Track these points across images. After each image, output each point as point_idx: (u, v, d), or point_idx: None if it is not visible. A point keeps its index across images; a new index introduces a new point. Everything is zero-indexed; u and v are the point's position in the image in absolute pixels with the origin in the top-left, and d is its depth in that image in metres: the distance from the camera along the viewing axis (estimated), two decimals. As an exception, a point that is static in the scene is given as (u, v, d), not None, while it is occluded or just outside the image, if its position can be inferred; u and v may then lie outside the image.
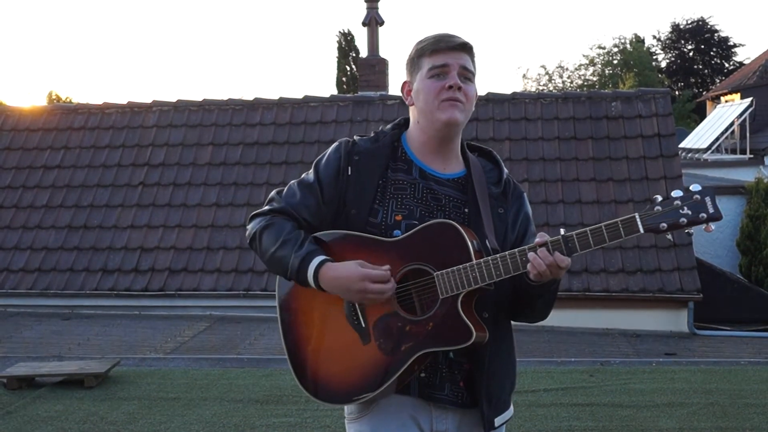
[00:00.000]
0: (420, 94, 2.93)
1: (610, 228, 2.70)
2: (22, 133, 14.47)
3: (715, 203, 2.67)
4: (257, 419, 6.83)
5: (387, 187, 2.94)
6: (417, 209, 2.91)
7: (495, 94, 14.10)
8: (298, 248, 2.88)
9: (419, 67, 2.93)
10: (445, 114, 2.88)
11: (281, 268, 2.93)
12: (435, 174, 2.97)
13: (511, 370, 3.06)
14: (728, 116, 25.48)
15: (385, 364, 2.83)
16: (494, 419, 2.95)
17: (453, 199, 2.95)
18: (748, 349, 10.50)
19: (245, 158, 13.64)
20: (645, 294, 11.39)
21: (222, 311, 11.94)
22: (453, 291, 2.77)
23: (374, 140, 3.03)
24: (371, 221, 2.90)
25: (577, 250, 2.73)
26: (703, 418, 6.78)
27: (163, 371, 8.40)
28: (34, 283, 12.41)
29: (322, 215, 2.97)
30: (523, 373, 8.12)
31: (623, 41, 49.96)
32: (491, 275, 2.76)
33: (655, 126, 13.21)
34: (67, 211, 13.21)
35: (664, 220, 2.67)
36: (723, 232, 16.14)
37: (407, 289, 2.85)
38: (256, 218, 3.05)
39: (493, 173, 3.04)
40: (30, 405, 7.24)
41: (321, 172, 2.99)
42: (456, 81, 2.87)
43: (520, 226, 3.01)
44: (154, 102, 14.73)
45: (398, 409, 2.93)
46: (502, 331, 2.98)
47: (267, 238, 2.96)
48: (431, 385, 2.90)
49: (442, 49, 2.89)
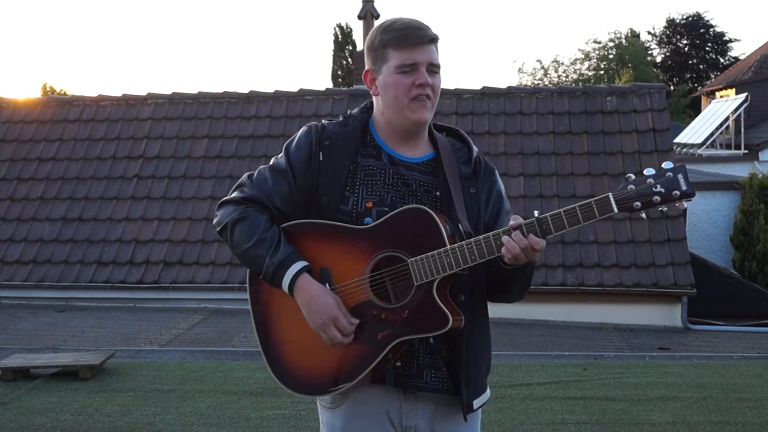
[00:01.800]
0: (388, 89, 2.88)
1: (584, 208, 2.67)
2: (16, 125, 14.44)
3: (688, 180, 2.62)
4: (252, 411, 6.84)
5: (357, 173, 2.91)
6: (388, 195, 2.88)
7: (490, 88, 14.10)
8: (274, 250, 2.85)
9: (385, 58, 2.87)
10: (414, 114, 2.86)
11: (254, 267, 2.91)
12: (404, 159, 2.93)
13: (487, 353, 3.04)
14: (723, 112, 25.55)
15: (361, 354, 2.80)
16: (473, 401, 2.94)
17: (423, 183, 2.91)
18: (741, 343, 10.53)
19: (240, 151, 13.63)
20: (639, 288, 11.42)
21: (217, 304, 11.95)
22: (428, 277, 2.74)
23: (343, 124, 2.99)
24: (342, 209, 2.87)
25: (552, 232, 2.70)
26: (696, 412, 6.80)
27: (157, 363, 8.40)
28: (28, 275, 12.40)
29: (294, 202, 2.93)
30: (517, 367, 8.16)
31: (619, 36, 49.97)
32: (466, 260, 2.73)
33: (650, 121, 13.23)
34: (62, 204, 13.20)
35: (637, 199, 2.64)
36: (717, 227, 16.19)
37: (381, 277, 2.81)
38: (226, 206, 2.99)
39: (462, 152, 3.00)
40: (25, 396, 7.25)
41: (293, 157, 2.95)
42: (426, 79, 2.83)
43: (493, 204, 2.98)
44: (149, 94, 14.71)
45: (371, 402, 2.91)
46: (478, 313, 2.95)
47: (240, 232, 2.92)
48: (408, 374, 2.87)
49: (410, 44, 2.83)
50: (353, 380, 2.81)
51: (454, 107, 13.65)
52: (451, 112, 13.49)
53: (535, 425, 6.52)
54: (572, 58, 52.63)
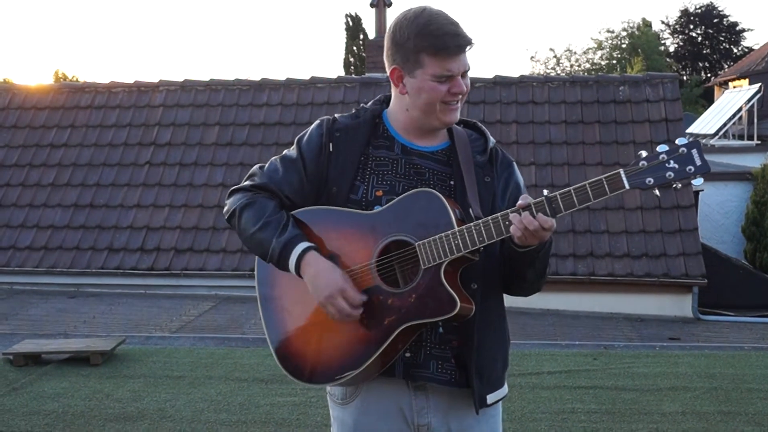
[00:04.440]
0: (422, 94, 2.81)
1: (594, 186, 2.59)
2: (29, 112, 14.48)
3: (703, 156, 2.55)
4: (261, 398, 6.85)
5: (368, 163, 2.88)
6: (399, 184, 2.84)
7: (502, 77, 14.07)
8: (280, 232, 2.81)
9: (419, 63, 2.78)
10: (446, 117, 2.83)
11: (261, 250, 2.87)
12: (418, 148, 2.90)
13: (503, 346, 2.97)
14: (736, 102, 25.43)
15: (368, 340, 2.74)
16: (486, 395, 2.88)
17: (437, 172, 2.87)
18: (752, 334, 10.52)
19: (252, 139, 13.65)
20: (650, 278, 11.41)
21: (227, 291, 11.97)
22: (435, 260, 2.68)
23: (354, 117, 2.96)
24: (352, 198, 2.84)
25: (562, 210, 2.61)
26: (706, 403, 6.79)
27: (168, 350, 8.42)
28: (40, 261, 12.45)
29: (304, 193, 2.91)
30: (527, 356, 8.15)
31: (632, 25, 49.78)
32: (474, 241, 2.66)
33: (662, 111, 13.19)
34: (73, 190, 13.24)
35: (650, 176, 2.57)
36: (728, 218, 16.15)
37: (389, 262, 2.77)
38: (236, 194, 2.98)
39: (478, 142, 2.95)
40: (36, 382, 7.28)
41: (303, 148, 2.93)
42: (462, 88, 2.81)
43: (511, 195, 2.90)
44: (161, 81, 14.73)
45: (382, 399, 2.87)
46: (492, 303, 2.89)
47: (247, 216, 2.89)
48: (416, 364, 2.81)
49: (449, 54, 2.75)
50: (359, 368, 2.75)
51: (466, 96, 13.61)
52: (463, 100, 13.46)
53: (545, 414, 6.51)
54: (585, 48, 52.39)
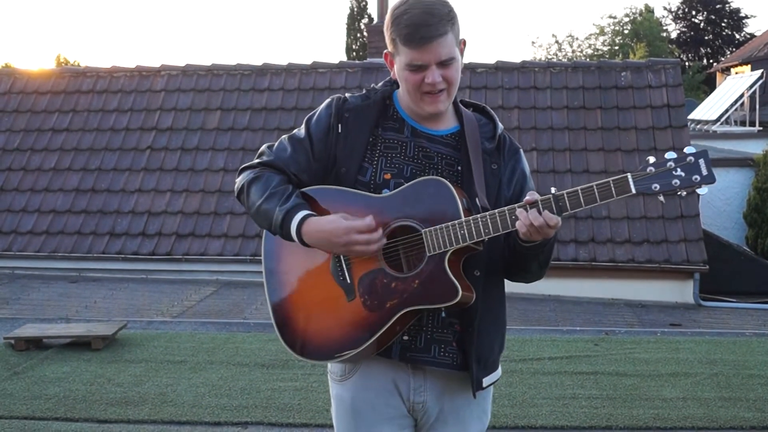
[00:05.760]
0: (402, 82, 2.85)
1: (601, 187, 2.63)
2: (30, 96, 14.47)
3: (709, 166, 2.58)
4: (263, 383, 6.87)
5: (377, 144, 2.89)
6: (407, 168, 2.86)
7: (504, 63, 14.05)
8: (283, 202, 2.83)
9: (397, 51, 2.80)
10: (429, 107, 2.83)
11: (266, 221, 2.87)
12: (427, 131, 2.91)
13: (501, 331, 3.02)
14: (738, 88, 25.38)
15: (369, 321, 2.79)
16: (483, 379, 2.92)
17: (446, 156, 2.89)
18: (753, 320, 10.52)
19: (253, 124, 13.64)
20: (651, 265, 11.41)
21: (229, 276, 11.98)
22: (440, 248, 2.72)
23: (365, 97, 2.96)
24: (360, 179, 2.86)
25: (568, 209, 2.65)
26: (707, 389, 6.80)
27: (169, 334, 8.44)
28: (41, 245, 12.46)
29: (312, 171, 2.92)
30: (528, 341, 8.16)
31: (634, 11, 49.69)
32: (479, 233, 2.70)
33: (664, 96, 13.17)
34: (75, 175, 13.24)
35: (656, 182, 2.60)
36: (730, 204, 16.12)
37: (394, 246, 2.80)
38: (245, 171, 3.00)
39: (487, 128, 2.96)
40: (37, 366, 7.29)
41: (312, 128, 2.95)
42: (434, 79, 2.76)
43: (516, 183, 2.94)
44: (162, 66, 14.70)
45: (379, 376, 2.92)
46: (494, 290, 2.93)
47: (254, 190, 2.91)
48: (414, 348, 2.85)
49: (417, 44, 2.73)
50: (358, 348, 2.80)
51: (467, 81, 13.60)
52: (465, 86, 13.43)
53: (546, 399, 6.52)
54: (587, 33, 52.31)
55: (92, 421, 6.08)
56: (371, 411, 2.95)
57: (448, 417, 2.97)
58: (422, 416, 2.97)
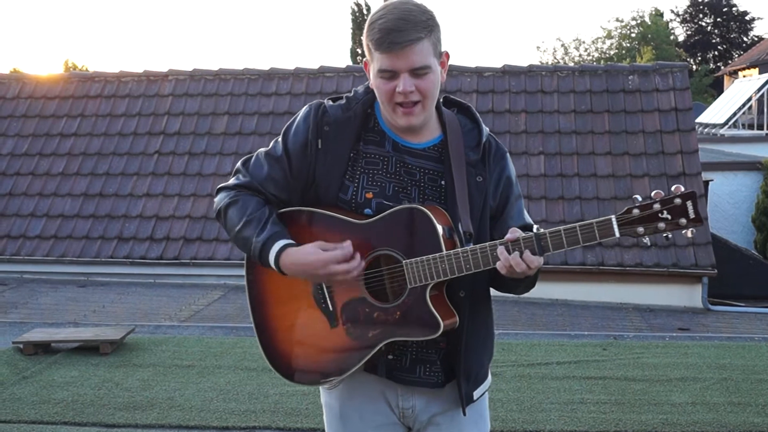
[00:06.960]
0: (375, 91, 2.76)
1: (584, 229, 2.59)
2: (38, 101, 14.51)
3: (697, 207, 2.54)
4: (271, 388, 6.87)
5: (358, 160, 2.80)
6: (389, 185, 2.79)
7: (511, 67, 14.02)
8: (260, 231, 2.78)
9: (372, 57, 2.71)
10: (401, 120, 2.73)
11: (245, 249, 2.84)
12: (409, 145, 2.81)
13: (489, 344, 2.98)
14: (746, 91, 25.36)
15: (352, 350, 2.78)
16: (473, 393, 2.90)
17: (428, 171, 2.80)
18: (762, 325, 10.49)
19: (261, 128, 13.65)
20: (659, 269, 11.38)
21: (236, 280, 11.97)
22: (421, 281, 2.68)
23: (346, 108, 2.83)
24: (341, 197, 2.79)
25: (550, 250, 2.61)
26: (716, 393, 6.78)
27: (177, 339, 8.44)
28: (50, 250, 12.48)
29: (290, 189, 2.85)
30: (536, 346, 8.15)
31: (641, 14, 49.68)
32: (461, 269, 2.66)
33: (672, 100, 13.14)
34: (83, 179, 13.26)
35: (641, 225, 2.57)
36: (738, 208, 16.09)
37: (379, 275, 2.76)
38: (221, 192, 2.93)
39: (472, 134, 2.86)
40: (46, 370, 7.30)
41: (290, 144, 2.86)
42: (406, 88, 2.66)
43: (502, 192, 2.87)
44: (170, 71, 14.73)
45: (367, 384, 2.90)
46: (479, 307, 2.88)
47: (231, 215, 2.86)
48: (400, 368, 2.84)
49: (388, 50, 2.64)
50: (343, 374, 2.80)
51: (474, 85, 13.58)
52: (472, 90, 13.42)
53: (554, 404, 6.51)
54: (594, 37, 52.32)
55: (100, 426, 6.08)
56: (359, 418, 2.95)
57: (440, 421, 2.94)
58: (414, 422, 2.95)
